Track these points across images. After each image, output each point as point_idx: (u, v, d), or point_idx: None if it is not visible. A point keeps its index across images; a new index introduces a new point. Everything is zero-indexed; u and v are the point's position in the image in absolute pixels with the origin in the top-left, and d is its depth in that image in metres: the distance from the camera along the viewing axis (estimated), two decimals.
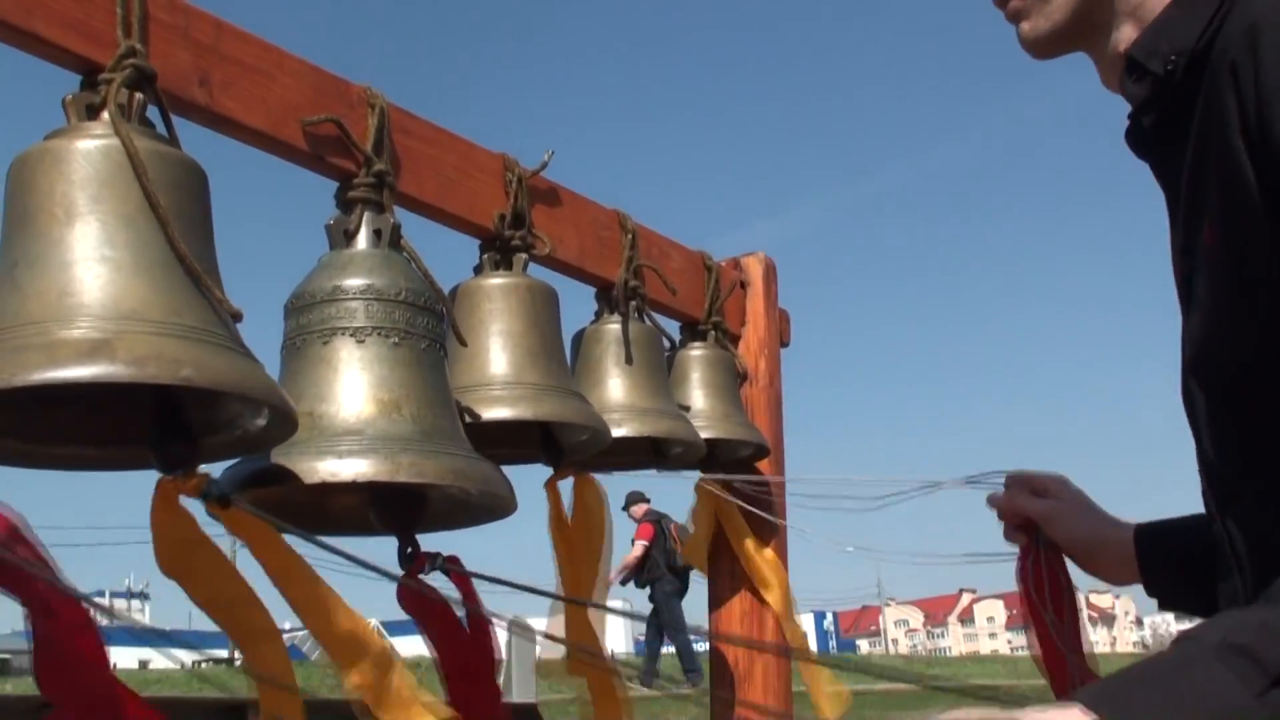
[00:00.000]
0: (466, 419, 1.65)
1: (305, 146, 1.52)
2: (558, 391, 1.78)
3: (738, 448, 2.29)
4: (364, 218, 1.56)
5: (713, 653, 2.42)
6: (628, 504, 11.53)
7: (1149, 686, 0.84)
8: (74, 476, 1.36)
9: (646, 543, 11.64)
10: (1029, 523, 1.68)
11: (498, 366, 1.77)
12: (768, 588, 2.30)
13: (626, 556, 11.59)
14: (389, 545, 1.56)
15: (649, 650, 12.29)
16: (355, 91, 1.61)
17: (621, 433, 1.95)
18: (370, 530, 1.61)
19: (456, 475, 1.44)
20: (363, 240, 1.55)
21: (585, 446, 1.86)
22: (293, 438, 1.36)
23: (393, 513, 1.55)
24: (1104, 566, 1.63)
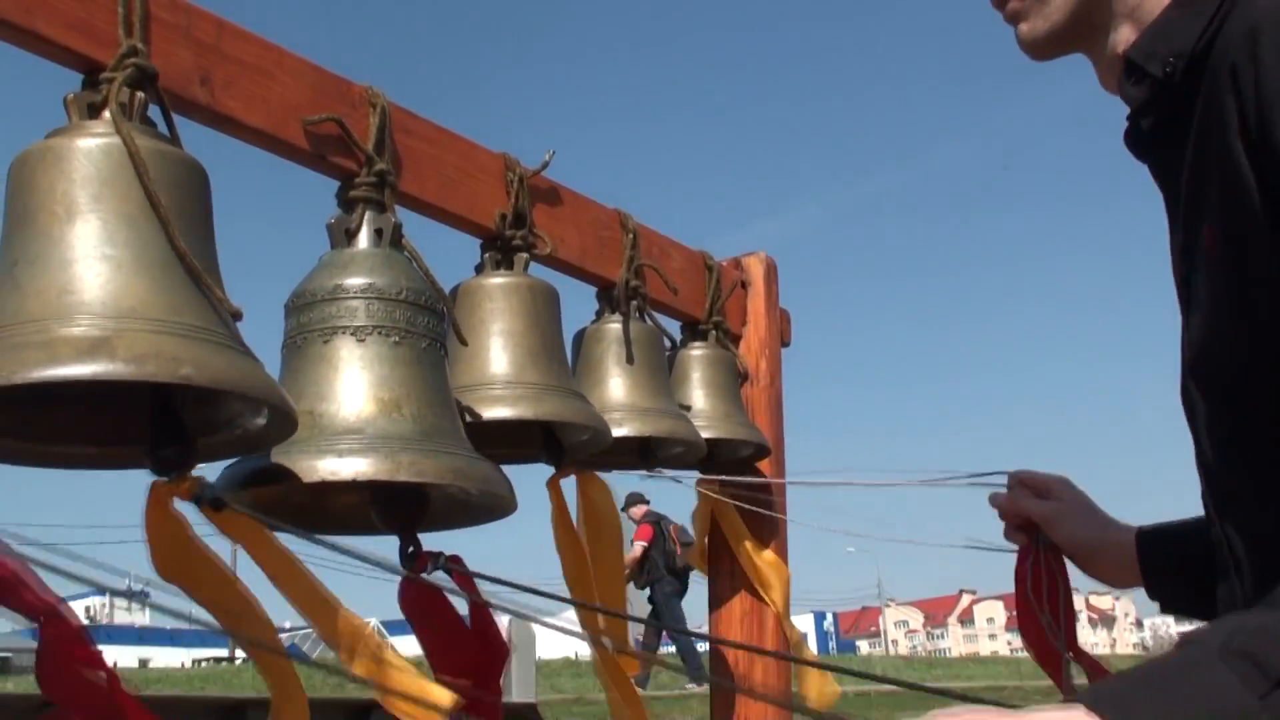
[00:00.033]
0: (467, 418, 1.65)
1: (306, 146, 1.53)
2: (558, 391, 1.78)
3: (738, 447, 2.29)
4: (365, 217, 1.56)
5: (713, 652, 2.42)
6: (627, 505, 11.53)
7: (1151, 688, 0.84)
8: (74, 476, 1.36)
9: (646, 544, 11.64)
10: (1029, 523, 1.68)
11: (498, 366, 1.76)
12: (769, 588, 2.29)
13: (626, 557, 11.57)
14: (390, 545, 1.56)
15: (646, 650, 12.29)
16: (356, 91, 1.61)
17: (622, 432, 1.95)
18: (372, 530, 1.61)
19: (456, 475, 1.44)
20: (364, 239, 1.55)
21: (586, 446, 1.86)
22: (293, 436, 1.36)
23: (394, 512, 1.55)
24: (1104, 569, 1.63)
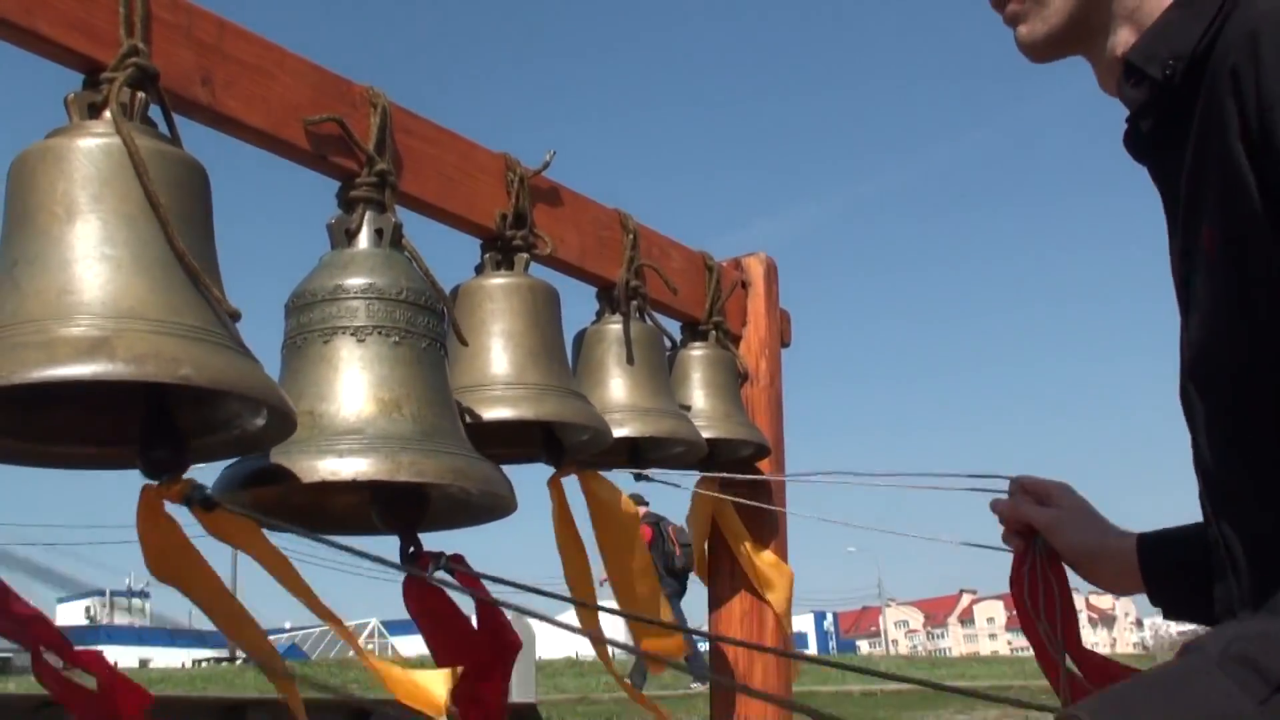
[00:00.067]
0: (467, 419, 1.65)
1: (307, 146, 1.53)
2: (559, 391, 1.78)
3: (738, 447, 2.29)
4: (365, 217, 1.56)
5: (713, 652, 2.42)
6: None
7: (1151, 697, 0.85)
8: (75, 475, 1.36)
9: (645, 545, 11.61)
10: (1028, 529, 1.68)
11: (499, 366, 1.77)
12: (770, 588, 2.29)
13: None
14: (391, 545, 1.56)
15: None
16: (357, 91, 1.61)
17: (623, 433, 1.95)
18: (372, 530, 1.61)
19: (457, 475, 1.44)
20: (364, 239, 1.55)
21: (587, 446, 1.86)
22: (293, 437, 1.36)
23: (394, 512, 1.55)
24: (1105, 575, 1.63)
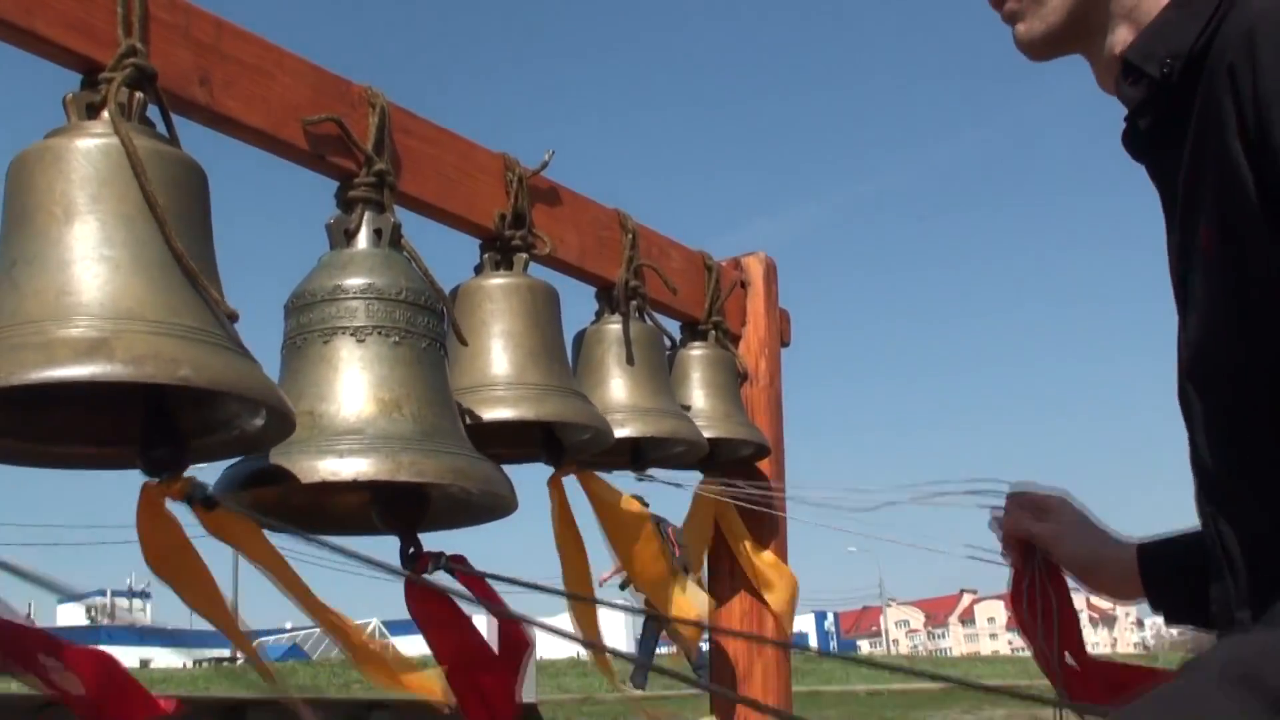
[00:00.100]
0: (468, 420, 1.65)
1: (306, 146, 1.53)
2: (560, 391, 1.78)
3: (738, 447, 2.29)
4: (364, 217, 1.56)
5: (713, 653, 2.42)
6: None
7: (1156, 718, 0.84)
8: (76, 475, 1.36)
9: None
10: (1026, 543, 1.69)
11: (499, 367, 1.76)
12: (770, 588, 2.29)
13: None
14: (391, 545, 1.56)
15: (643, 651, 12.29)
16: (356, 91, 1.61)
17: (624, 433, 1.94)
18: (372, 530, 1.61)
19: (457, 474, 1.44)
20: (363, 240, 1.55)
21: (587, 446, 1.85)
22: (293, 437, 1.36)
23: (395, 512, 1.55)
24: (1106, 584, 1.64)
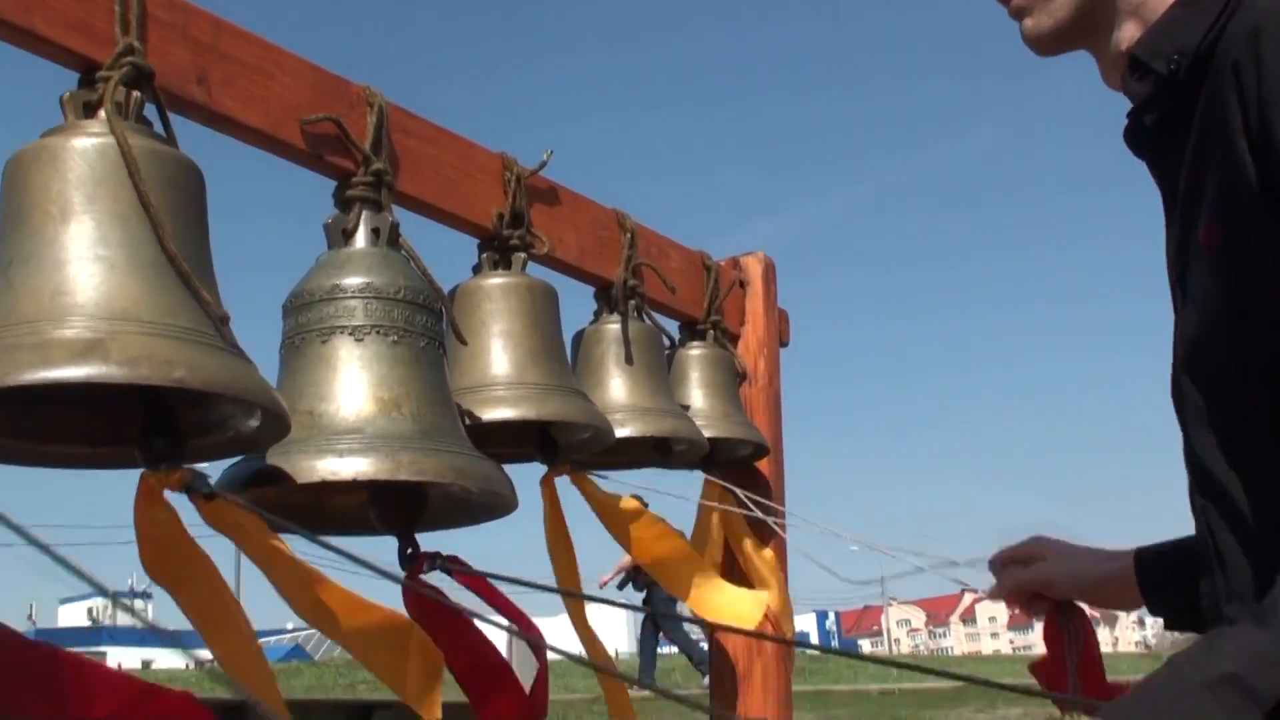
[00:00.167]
0: (468, 420, 1.65)
1: (304, 145, 1.52)
2: (560, 390, 1.78)
3: (737, 447, 2.29)
4: (362, 216, 1.56)
5: (713, 653, 2.42)
6: None
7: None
8: (76, 476, 1.35)
9: None
10: (1037, 595, 1.72)
11: (499, 367, 1.76)
12: (766, 589, 2.29)
13: (623, 559, 11.57)
14: (388, 545, 1.56)
15: (644, 650, 12.28)
16: (354, 90, 1.60)
17: (624, 432, 1.94)
18: (371, 530, 1.61)
19: (457, 473, 1.44)
20: (361, 239, 1.55)
21: (588, 445, 1.85)
22: (292, 436, 1.35)
23: (393, 512, 1.55)
24: (1111, 599, 1.68)
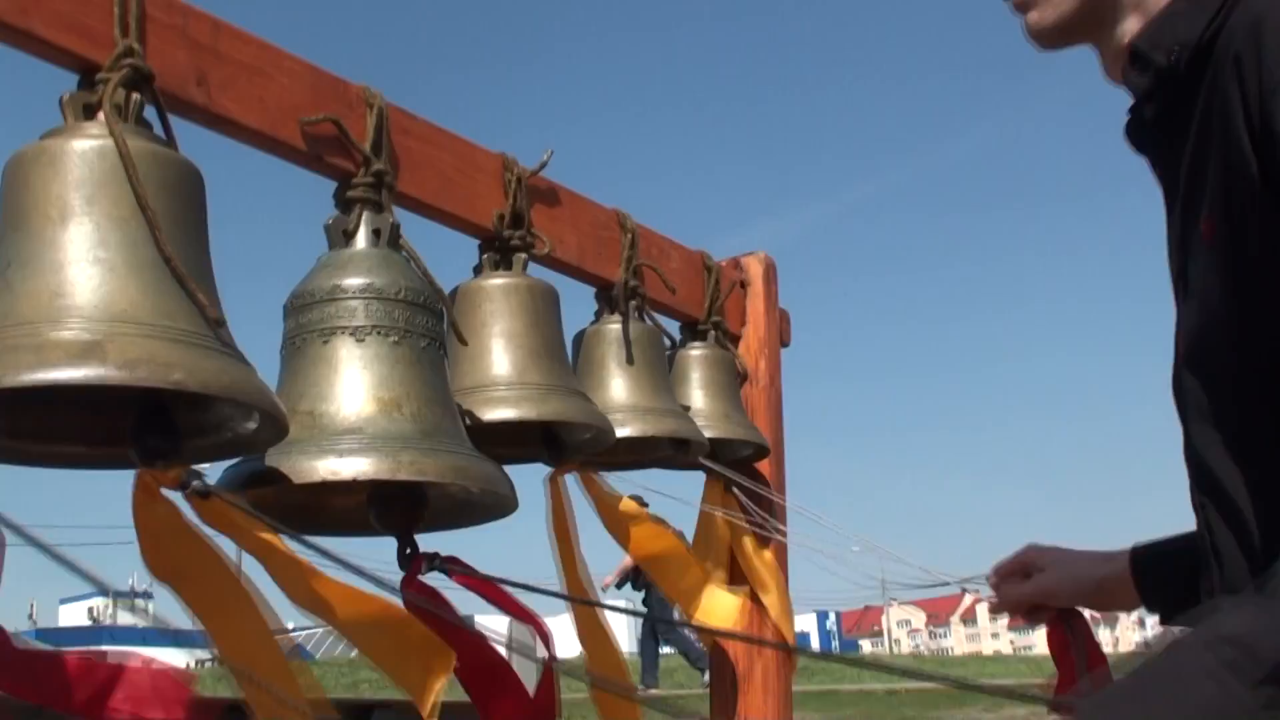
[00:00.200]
0: (469, 420, 1.65)
1: (303, 146, 1.52)
2: (561, 391, 1.78)
3: (738, 448, 2.28)
4: (363, 217, 1.56)
5: (713, 655, 2.41)
6: None
7: (1143, 689, 0.83)
8: (77, 476, 1.35)
9: None
10: (1037, 606, 1.73)
11: (500, 367, 1.76)
12: (765, 590, 2.29)
13: (625, 560, 11.57)
14: (386, 545, 1.55)
15: (645, 651, 12.28)
16: (354, 91, 1.60)
17: (625, 432, 1.94)
18: (370, 531, 1.61)
19: (458, 473, 1.44)
20: (362, 240, 1.55)
21: (589, 445, 1.85)
22: (293, 437, 1.35)
23: (393, 513, 1.55)
24: (1112, 602, 1.71)
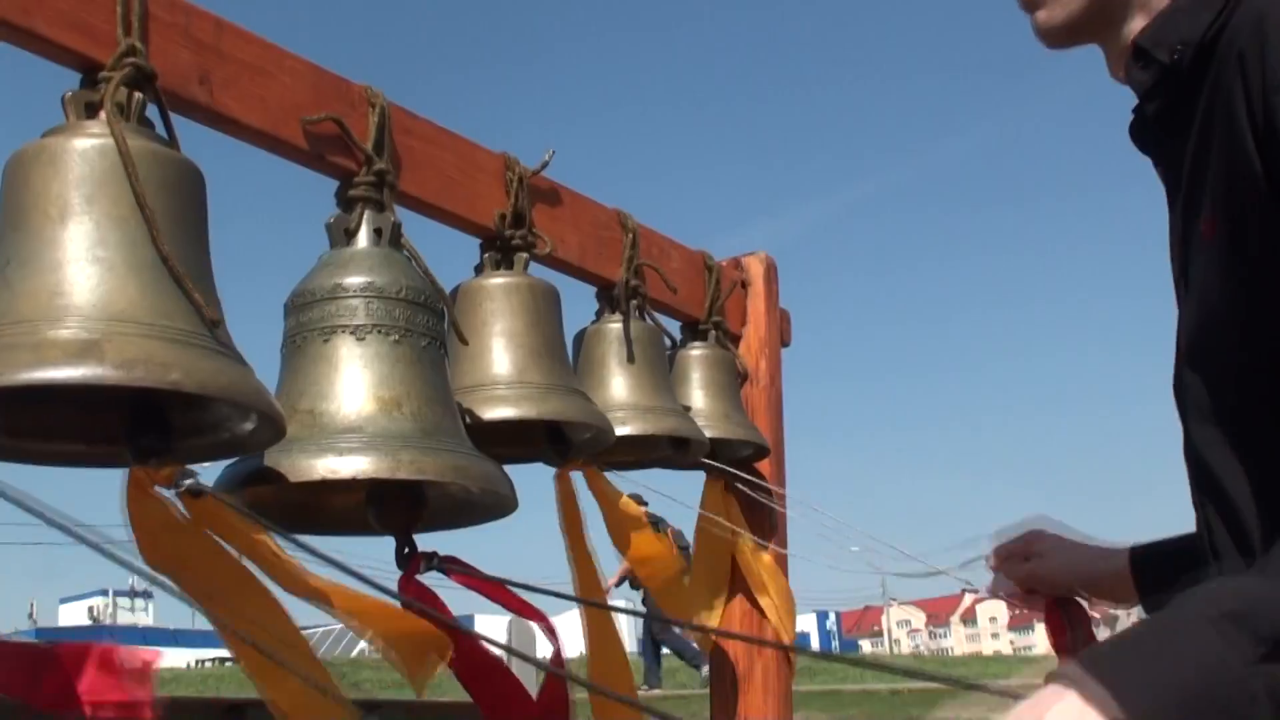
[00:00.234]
0: (469, 419, 1.65)
1: (305, 145, 1.52)
2: (561, 390, 1.78)
3: (738, 448, 2.29)
4: (364, 216, 1.56)
5: (713, 655, 2.41)
6: None
7: (1141, 653, 0.82)
8: (78, 474, 1.35)
9: None
10: (1033, 590, 1.74)
11: (501, 366, 1.76)
12: (764, 593, 2.29)
13: (625, 560, 11.52)
14: (387, 545, 1.56)
15: (647, 651, 12.26)
16: (356, 90, 1.61)
17: (626, 431, 1.94)
18: (370, 530, 1.61)
19: (457, 472, 1.44)
20: (363, 239, 1.55)
21: (590, 445, 1.85)
22: (293, 435, 1.35)
23: (391, 512, 1.55)
24: (1106, 594, 1.72)
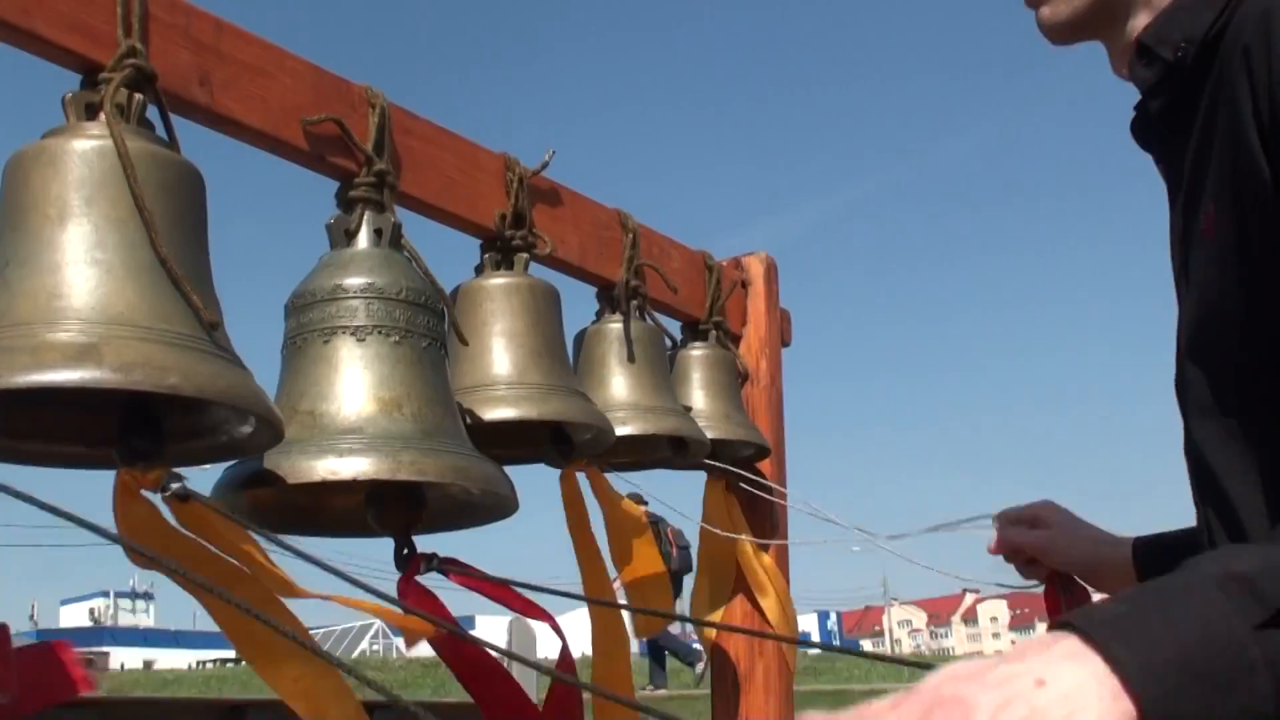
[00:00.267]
0: (469, 420, 1.65)
1: (306, 146, 1.52)
2: (562, 391, 1.78)
3: (739, 448, 2.28)
4: (365, 217, 1.56)
5: (713, 653, 2.41)
6: None
7: (1145, 611, 0.81)
8: (79, 475, 1.34)
9: None
10: (1033, 560, 1.73)
11: (501, 367, 1.76)
12: (764, 594, 2.29)
13: None
14: (384, 546, 1.56)
15: (652, 653, 12.27)
16: (356, 91, 1.60)
17: (626, 431, 1.94)
18: (370, 531, 1.61)
19: (458, 474, 1.44)
20: (363, 239, 1.55)
21: (590, 445, 1.85)
22: (293, 436, 1.35)
23: (391, 514, 1.55)
24: (1104, 582, 1.69)
